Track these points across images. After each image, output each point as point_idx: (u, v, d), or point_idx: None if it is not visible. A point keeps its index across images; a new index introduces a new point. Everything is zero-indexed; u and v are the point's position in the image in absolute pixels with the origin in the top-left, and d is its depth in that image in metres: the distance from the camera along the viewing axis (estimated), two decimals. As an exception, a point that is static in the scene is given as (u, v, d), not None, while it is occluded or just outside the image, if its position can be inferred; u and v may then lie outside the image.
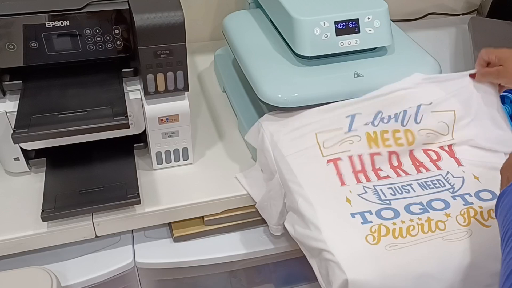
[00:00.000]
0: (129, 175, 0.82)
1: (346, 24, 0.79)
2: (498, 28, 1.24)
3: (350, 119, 0.78)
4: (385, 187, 0.75)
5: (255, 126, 0.83)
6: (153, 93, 0.77)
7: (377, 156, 0.78)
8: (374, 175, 0.77)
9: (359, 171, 0.77)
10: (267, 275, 1.04)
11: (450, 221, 0.70)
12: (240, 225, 0.90)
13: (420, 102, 0.80)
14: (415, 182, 0.76)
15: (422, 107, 0.80)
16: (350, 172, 0.76)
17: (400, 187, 0.75)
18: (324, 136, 0.78)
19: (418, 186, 0.76)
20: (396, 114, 0.80)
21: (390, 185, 0.76)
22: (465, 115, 0.81)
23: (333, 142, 0.77)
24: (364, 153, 0.78)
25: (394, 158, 0.79)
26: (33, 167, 0.86)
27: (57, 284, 0.75)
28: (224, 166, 0.89)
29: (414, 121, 0.80)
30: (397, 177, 0.77)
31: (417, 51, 0.88)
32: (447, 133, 0.81)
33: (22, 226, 0.77)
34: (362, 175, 0.76)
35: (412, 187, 0.75)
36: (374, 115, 0.79)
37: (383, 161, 0.78)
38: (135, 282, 0.89)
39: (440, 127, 0.81)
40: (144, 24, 0.71)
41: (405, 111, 0.80)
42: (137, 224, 0.82)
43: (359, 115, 0.78)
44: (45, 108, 0.73)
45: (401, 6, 1.34)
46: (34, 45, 0.73)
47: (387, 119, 0.79)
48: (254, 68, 0.82)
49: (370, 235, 0.68)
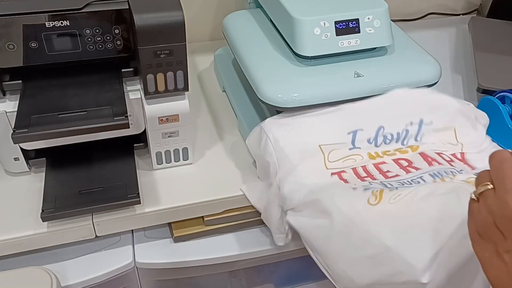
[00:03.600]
0: (129, 175, 0.82)
1: (346, 24, 0.79)
2: (498, 28, 1.24)
3: (352, 135, 0.78)
4: (394, 181, 0.72)
5: (256, 131, 0.82)
6: (153, 93, 0.77)
7: (382, 165, 0.76)
8: (382, 176, 0.74)
9: (365, 177, 0.74)
10: (267, 275, 1.04)
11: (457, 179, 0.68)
12: (240, 225, 0.90)
13: (421, 117, 0.80)
14: (426, 174, 0.72)
15: (424, 127, 0.79)
16: (356, 178, 0.74)
17: (410, 181, 0.71)
18: (328, 149, 0.76)
19: (429, 177, 0.71)
20: (398, 133, 0.79)
21: (400, 180, 0.72)
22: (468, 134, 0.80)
23: (337, 157, 0.76)
24: (368, 164, 0.76)
25: (403, 161, 0.77)
26: (33, 167, 0.86)
27: (57, 284, 0.74)
28: (224, 166, 0.89)
29: (415, 140, 0.79)
30: (407, 173, 0.74)
31: (417, 51, 0.87)
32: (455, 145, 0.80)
33: (22, 226, 0.77)
34: (369, 178, 0.74)
35: (423, 178, 0.71)
36: (376, 130, 0.78)
37: (391, 166, 0.76)
38: (135, 282, 0.89)
39: (443, 145, 0.80)
40: (144, 24, 0.71)
41: (407, 131, 0.79)
42: (137, 224, 0.82)
43: (360, 131, 0.78)
44: (45, 108, 0.73)
45: (401, 6, 1.34)
46: (34, 45, 0.73)
47: (390, 139, 0.78)
48: (254, 68, 0.82)
49: (372, 196, 0.66)
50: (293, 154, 0.76)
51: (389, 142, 0.79)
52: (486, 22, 1.28)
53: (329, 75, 0.80)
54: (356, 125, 0.78)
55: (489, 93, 0.99)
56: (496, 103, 0.93)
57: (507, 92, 0.95)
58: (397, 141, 0.79)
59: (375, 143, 0.78)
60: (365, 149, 0.77)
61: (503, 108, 0.92)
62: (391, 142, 0.79)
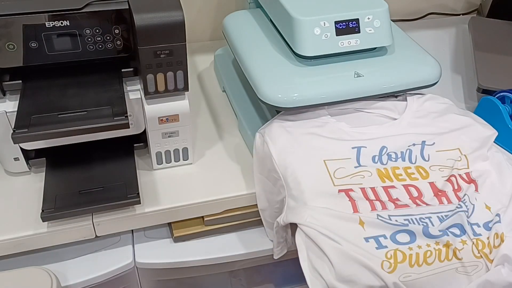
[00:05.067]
0: (129, 175, 0.82)
1: (346, 24, 0.79)
2: (498, 28, 1.24)
3: (356, 151, 0.77)
4: (401, 218, 0.70)
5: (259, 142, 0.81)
6: (153, 93, 0.77)
7: (392, 189, 0.74)
8: (392, 204, 0.72)
9: (374, 200, 0.72)
10: (267, 275, 1.04)
11: (466, 250, 0.68)
12: (240, 225, 0.90)
13: (423, 139, 0.79)
14: (434, 216, 0.71)
15: (426, 147, 0.79)
16: (364, 199, 0.71)
17: (418, 220, 0.70)
18: (333, 165, 0.75)
19: (437, 220, 0.70)
20: (402, 152, 0.78)
21: (407, 216, 0.70)
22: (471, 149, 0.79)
23: (343, 174, 0.74)
24: (377, 186, 0.73)
25: (413, 189, 0.74)
26: (33, 167, 0.86)
27: (57, 284, 0.75)
28: (224, 166, 0.89)
29: (422, 159, 0.78)
30: (417, 207, 0.72)
31: (417, 51, 0.87)
32: (460, 160, 0.78)
33: (22, 226, 0.77)
34: (378, 202, 0.71)
35: (431, 220, 0.70)
36: (379, 150, 0.78)
37: (400, 193, 0.73)
38: (135, 282, 0.89)
39: (450, 163, 0.78)
40: (144, 24, 0.71)
41: (410, 150, 0.78)
42: (137, 224, 0.82)
43: (364, 148, 0.77)
44: (45, 108, 0.73)
45: (401, 6, 1.34)
46: (34, 45, 0.73)
47: (395, 157, 0.77)
48: (254, 68, 0.82)
49: (386, 261, 0.65)
50: (298, 170, 0.74)
51: (395, 160, 0.77)
52: (486, 22, 1.28)
53: (329, 75, 0.80)
54: (359, 143, 0.78)
55: (489, 93, 0.99)
56: (496, 103, 0.93)
57: (507, 92, 0.95)
58: (404, 160, 0.78)
59: (381, 161, 0.77)
60: (372, 166, 0.76)
61: (503, 108, 0.92)
62: (397, 160, 0.77)
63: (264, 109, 0.92)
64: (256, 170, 0.83)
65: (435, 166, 0.78)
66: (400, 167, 0.77)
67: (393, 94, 0.84)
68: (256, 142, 0.81)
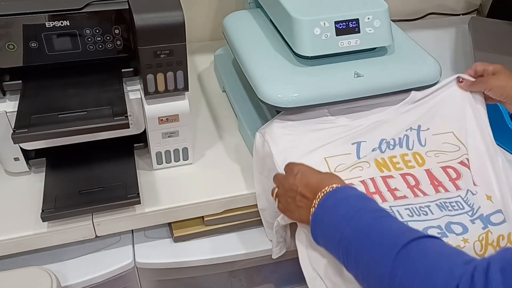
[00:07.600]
0: (129, 175, 0.82)
1: (346, 24, 0.79)
2: (498, 28, 1.24)
3: (356, 146, 0.77)
4: (402, 207, 0.71)
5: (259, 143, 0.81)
6: (153, 93, 0.77)
7: (390, 179, 0.75)
8: (390, 195, 0.73)
9: (373, 193, 0.73)
10: (267, 275, 1.04)
11: (467, 248, 0.68)
12: (240, 225, 0.90)
13: (418, 123, 0.80)
14: (433, 204, 0.72)
15: (422, 132, 0.79)
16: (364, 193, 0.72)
17: (418, 209, 0.71)
18: (334, 161, 0.76)
19: (436, 208, 0.72)
20: (400, 138, 0.79)
21: (407, 206, 0.72)
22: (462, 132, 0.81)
23: (343, 167, 0.75)
24: (376, 177, 0.75)
25: (410, 178, 0.76)
26: (33, 167, 0.86)
27: (57, 284, 0.75)
28: (224, 166, 0.89)
29: (419, 144, 0.79)
30: (415, 197, 0.73)
31: (417, 51, 0.87)
32: (458, 149, 0.79)
33: (22, 226, 0.77)
34: (378, 195, 0.73)
35: (430, 209, 0.72)
36: (379, 142, 0.78)
37: (398, 182, 0.75)
38: (135, 282, 0.89)
39: (446, 147, 0.79)
40: (144, 24, 0.71)
41: (407, 136, 0.79)
42: (137, 224, 0.82)
43: (364, 143, 0.78)
44: (45, 108, 0.73)
45: (401, 6, 1.34)
46: (34, 45, 0.73)
47: (393, 145, 0.78)
48: (254, 68, 0.82)
49: None
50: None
51: (393, 147, 0.78)
52: (486, 22, 1.28)
53: (329, 75, 0.80)
54: (359, 138, 0.78)
55: (489, 93, 0.98)
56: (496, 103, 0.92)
57: (507, 92, 0.94)
58: (401, 146, 0.78)
59: (380, 150, 0.78)
60: (371, 156, 0.77)
61: (503, 108, 0.92)
62: (395, 148, 0.78)
63: (264, 109, 0.92)
64: (256, 170, 0.83)
65: (430, 152, 0.79)
66: (397, 155, 0.78)
67: (393, 94, 0.84)
68: (256, 142, 0.81)
